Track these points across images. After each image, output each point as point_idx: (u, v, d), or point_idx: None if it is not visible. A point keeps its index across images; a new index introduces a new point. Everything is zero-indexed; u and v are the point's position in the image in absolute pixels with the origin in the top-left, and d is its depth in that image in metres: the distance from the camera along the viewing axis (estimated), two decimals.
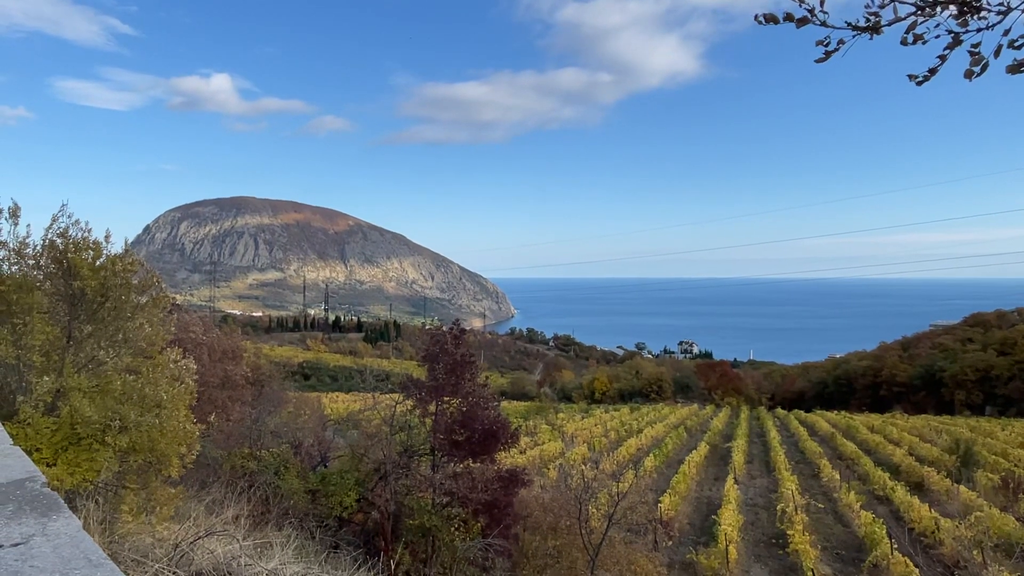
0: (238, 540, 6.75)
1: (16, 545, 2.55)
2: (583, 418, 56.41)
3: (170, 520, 8.11)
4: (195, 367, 8.81)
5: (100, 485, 7.59)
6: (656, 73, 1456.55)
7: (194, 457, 8.55)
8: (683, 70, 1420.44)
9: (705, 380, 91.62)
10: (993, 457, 32.95)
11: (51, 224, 8.01)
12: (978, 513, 20.83)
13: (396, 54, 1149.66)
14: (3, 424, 6.40)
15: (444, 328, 14.71)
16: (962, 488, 25.77)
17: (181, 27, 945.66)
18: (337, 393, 75.43)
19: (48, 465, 7.15)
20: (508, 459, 21.78)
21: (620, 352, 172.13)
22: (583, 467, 26.70)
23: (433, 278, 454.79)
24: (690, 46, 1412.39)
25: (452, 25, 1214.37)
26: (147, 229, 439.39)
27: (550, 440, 38.94)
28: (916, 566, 16.56)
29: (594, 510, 17.39)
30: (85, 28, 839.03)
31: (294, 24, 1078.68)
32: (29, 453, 6.98)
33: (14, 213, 7.93)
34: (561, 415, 58.98)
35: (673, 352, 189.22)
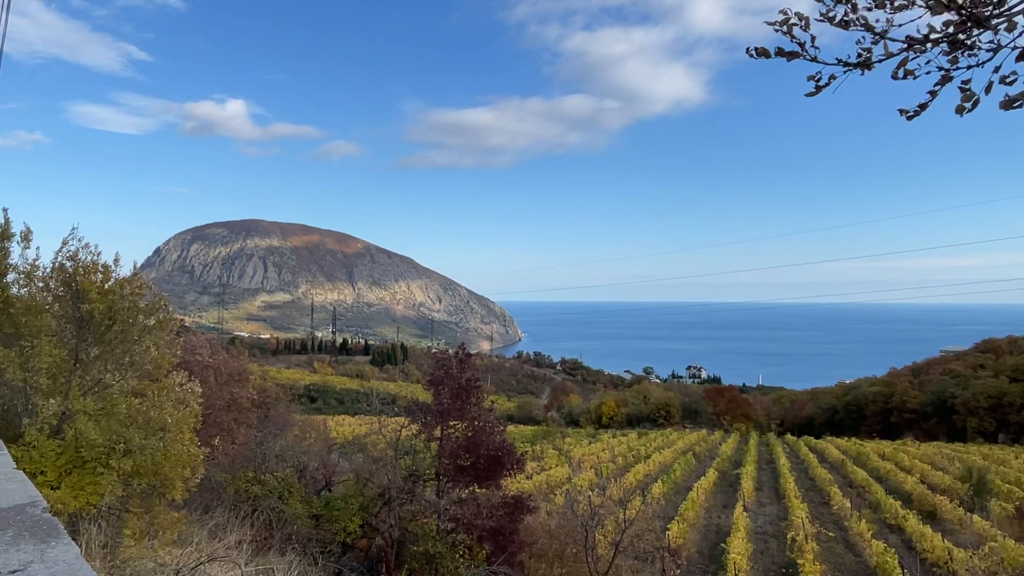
0: (240, 566, 6.71)
1: (13, 572, 2.55)
2: (590, 443, 55.92)
3: (173, 544, 8.07)
4: (200, 390, 8.82)
5: (104, 509, 7.56)
6: (662, 100, 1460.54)
7: (198, 481, 8.53)
8: (689, 97, 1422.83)
9: (714, 405, 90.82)
10: (1007, 486, 32.41)
11: (61, 247, 8.10)
12: (992, 543, 20.43)
13: (405, 80, 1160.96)
14: (8, 447, 6.41)
15: (449, 352, 14.69)
16: (976, 517, 25.34)
17: (196, 54, 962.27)
18: (343, 416, 75.12)
19: (52, 488, 7.14)
20: (514, 484, 21.60)
21: (628, 376, 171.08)
22: (590, 493, 26.46)
23: (441, 301, 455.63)
24: (696, 74, 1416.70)
25: (460, 53, 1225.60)
26: (158, 251, 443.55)
27: (557, 465, 38.63)
28: None
29: (601, 537, 17.16)
30: (103, 54, 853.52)
31: (306, 51, 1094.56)
32: (33, 476, 6.99)
33: (25, 237, 8.07)
34: (568, 440, 58.53)
35: (681, 377, 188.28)
